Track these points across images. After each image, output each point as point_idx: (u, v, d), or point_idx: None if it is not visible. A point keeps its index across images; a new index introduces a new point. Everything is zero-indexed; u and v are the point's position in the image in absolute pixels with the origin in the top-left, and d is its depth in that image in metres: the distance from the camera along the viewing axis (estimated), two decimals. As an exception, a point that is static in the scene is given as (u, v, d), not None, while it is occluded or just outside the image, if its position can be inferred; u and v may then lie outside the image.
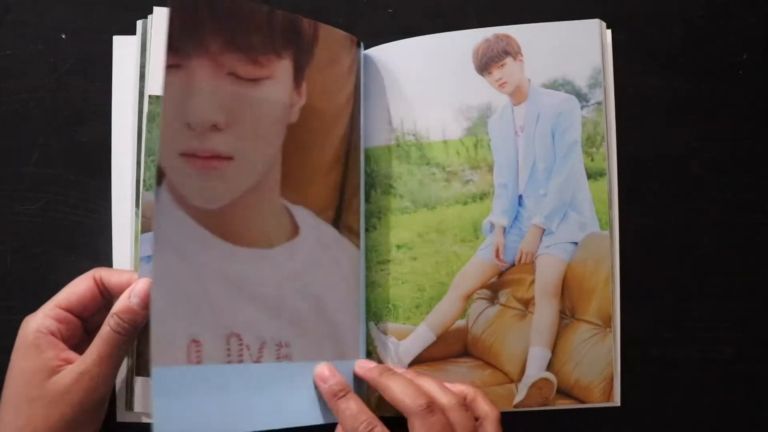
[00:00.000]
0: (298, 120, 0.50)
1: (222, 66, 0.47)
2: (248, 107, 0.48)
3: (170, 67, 0.45)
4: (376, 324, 0.53)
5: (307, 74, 0.50)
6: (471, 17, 0.58)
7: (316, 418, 0.49)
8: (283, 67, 0.49)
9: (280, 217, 0.49)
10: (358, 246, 0.52)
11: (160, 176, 0.45)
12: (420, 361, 0.52)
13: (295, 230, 0.50)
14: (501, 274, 0.52)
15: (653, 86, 0.58)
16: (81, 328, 0.49)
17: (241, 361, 0.47)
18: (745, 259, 0.57)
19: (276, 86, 0.49)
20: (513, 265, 0.52)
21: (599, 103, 0.52)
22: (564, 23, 0.52)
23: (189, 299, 0.46)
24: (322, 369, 0.49)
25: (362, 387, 0.51)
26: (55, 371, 0.46)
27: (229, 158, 0.47)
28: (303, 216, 0.50)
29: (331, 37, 0.51)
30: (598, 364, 0.51)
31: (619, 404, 0.52)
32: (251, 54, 0.48)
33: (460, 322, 0.52)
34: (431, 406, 0.46)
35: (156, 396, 0.44)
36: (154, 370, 0.44)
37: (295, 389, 0.49)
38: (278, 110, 0.49)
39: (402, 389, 0.47)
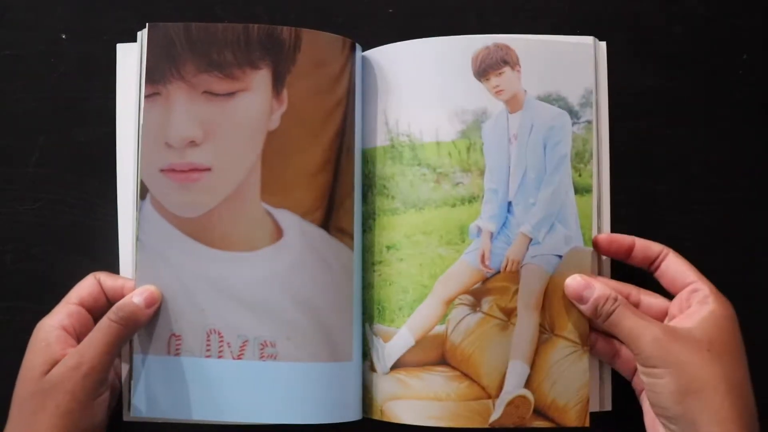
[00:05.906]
0: (280, 126, 0.51)
1: (197, 86, 0.50)
2: (224, 120, 0.50)
3: (149, 96, 0.50)
4: (370, 325, 0.53)
5: (289, 81, 0.51)
6: (471, 18, 0.58)
7: (295, 418, 0.49)
8: (260, 78, 0.50)
9: (262, 220, 0.50)
10: (351, 247, 0.52)
11: (144, 191, 0.50)
12: (399, 365, 0.51)
13: (278, 233, 0.50)
14: (485, 280, 0.51)
15: (652, 86, 0.57)
16: (93, 325, 0.50)
17: (221, 357, 0.49)
18: (743, 262, 0.56)
19: (252, 97, 0.50)
20: (498, 272, 0.51)
21: (589, 122, 0.52)
22: (560, 38, 0.52)
23: (170, 298, 0.50)
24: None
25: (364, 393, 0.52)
26: (56, 363, 0.46)
27: (207, 169, 0.50)
28: (287, 219, 0.50)
29: (317, 42, 0.51)
30: (574, 385, 0.50)
31: (599, 410, 0.51)
32: (226, 71, 0.50)
33: (440, 328, 0.51)
34: None
35: (135, 381, 0.50)
36: (135, 357, 0.50)
37: (278, 388, 0.49)
38: (255, 120, 0.50)
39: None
